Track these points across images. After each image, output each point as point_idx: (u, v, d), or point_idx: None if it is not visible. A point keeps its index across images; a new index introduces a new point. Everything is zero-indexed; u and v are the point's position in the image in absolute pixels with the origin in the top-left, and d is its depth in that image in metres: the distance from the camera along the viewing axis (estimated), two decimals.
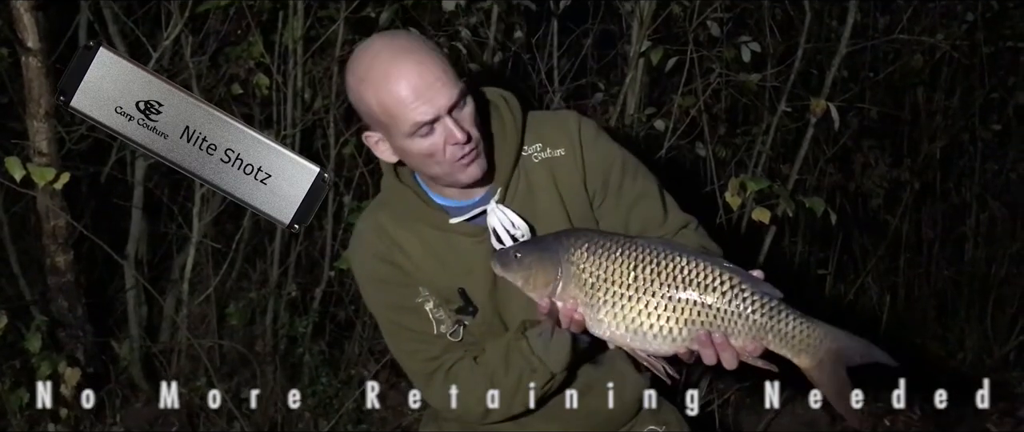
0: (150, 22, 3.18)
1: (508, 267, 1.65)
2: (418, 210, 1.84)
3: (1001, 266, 4.06)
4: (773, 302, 1.58)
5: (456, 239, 1.84)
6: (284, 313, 3.27)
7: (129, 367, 3.28)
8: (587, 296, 1.61)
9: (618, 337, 1.63)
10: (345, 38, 3.03)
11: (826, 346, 1.59)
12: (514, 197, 1.84)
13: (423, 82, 1.65)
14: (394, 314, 1.89)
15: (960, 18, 3.73)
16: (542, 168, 1.85)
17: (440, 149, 1.70)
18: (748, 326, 1.58)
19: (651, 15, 2.99)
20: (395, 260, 1.85)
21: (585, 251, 1.61)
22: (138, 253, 3.36)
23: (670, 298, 1.59)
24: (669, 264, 1.59)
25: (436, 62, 1.68)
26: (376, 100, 1.68)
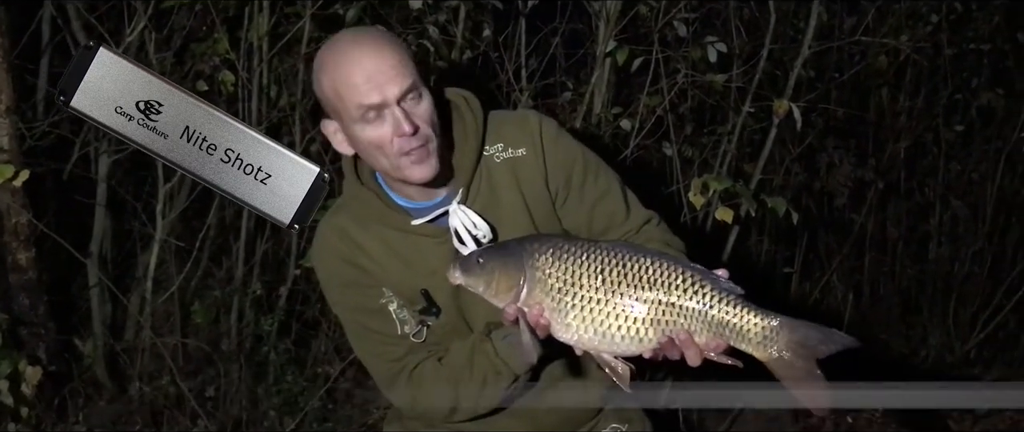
0: (115, 18, 3.15)
1: (470, 273, 1.64)
2: (379, 211, 1.83)
3: (963, 265, 4.11)
4: (734, 298, 1.60)
5: (418, 240, 1.83)
6: (249, 311, 3.25)
7: (93, 365, 3.25)
8: (554, 301, 1.61)
9: (586, 341, 1.63)
10: (311, 35, 3.02)
11: (785, 338, 1.60)
12: (476, 198, 1.83)
13: (375, 68, 1.66)
14: (358, 316, 1.88)
15: (924, 20, 3.78)
16: (504, 168, 1.85)
17: (388, 140, 1.69)
18: (710, 323, 1.60)
19: (617, 15, 3.00)
20: (358, 262, 1.84)
21: (549, 256, 1.61)
22: (102, 251, 3.33)
23: (637, 299, 1.59)
24: (634, 266, 1.60)
25: (393, 53, 1.69)
26: (330, 83, 1.70)
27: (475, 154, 1.83)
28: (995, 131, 4.06)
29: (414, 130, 1.68)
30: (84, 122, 3.11)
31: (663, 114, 3.14)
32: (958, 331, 4.09)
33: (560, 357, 1.94)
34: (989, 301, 4.09)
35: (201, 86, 3.03)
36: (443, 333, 1.88)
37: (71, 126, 3.21)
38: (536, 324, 1.63)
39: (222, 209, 3.26)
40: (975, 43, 3.96)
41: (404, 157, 1.70)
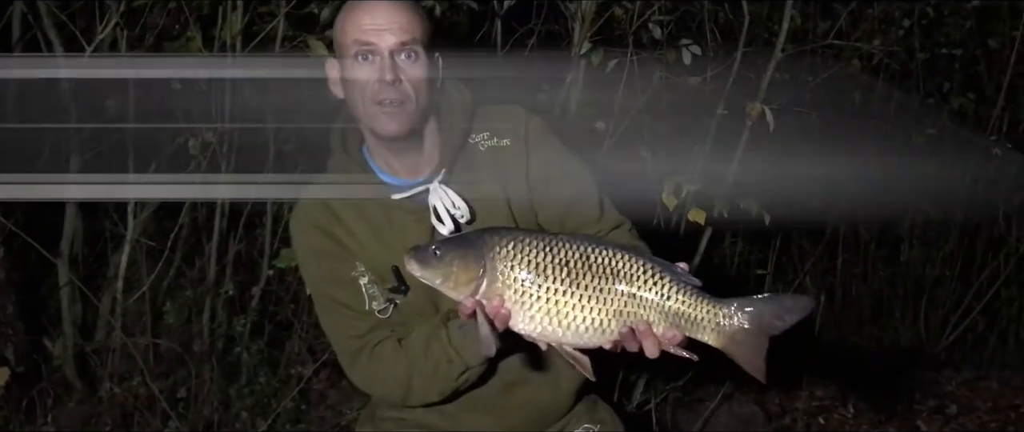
0: (87, 16, 3.12)
1: (427, 264, 1.62)
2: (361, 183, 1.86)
3: (934, 267, 4.16)
4: (692, 290, 1.62)
5: (396, 215, 1.86)
6: (222, 312, 3.23)
7: (62, 366, 3.22)
8: (517, 293, 1.61)
9: (548, 333, 1.63)
10: (285, 34, 3.00)
11: (740, 324, 1.63)
12: (458, 180, 1.87)
13: (383, 16, 1.74)
14: (328, 287, 1.89)
15: (897, 24, 3.82)
16: (487, 156, 1.89)
17: (368, 82, 1.75)
18: (668, 314, 1.62)
19: (592, 17, 3.01)
20: (334, 233, 1.86)
21: (511, 248, 1.61)
22: (73, 251, 3.29)
23: (601, 290, 1.60)
24: (598, 257, 1.62)
25: (406, 12, 1.76)
26: (342, 19, 1.79)
27: (461, 138, 1.88)
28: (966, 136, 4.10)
29: (394, 79, 1.74)
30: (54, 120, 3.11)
31: (638, 115, 3.15)
32: (929, 332, 4.14)
33: (526, 353, 1.95)
34: (959, 303, 4.14)
35: (175, 85, 3.02)
36: (410, 312, 1.89)
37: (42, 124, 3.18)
38: (495, 316, 1.62)
39: (194, 209, 3.24)
40: (947, 48, 4.00)
41: (378, 105, 1.76)
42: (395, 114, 1.76)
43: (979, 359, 4.21)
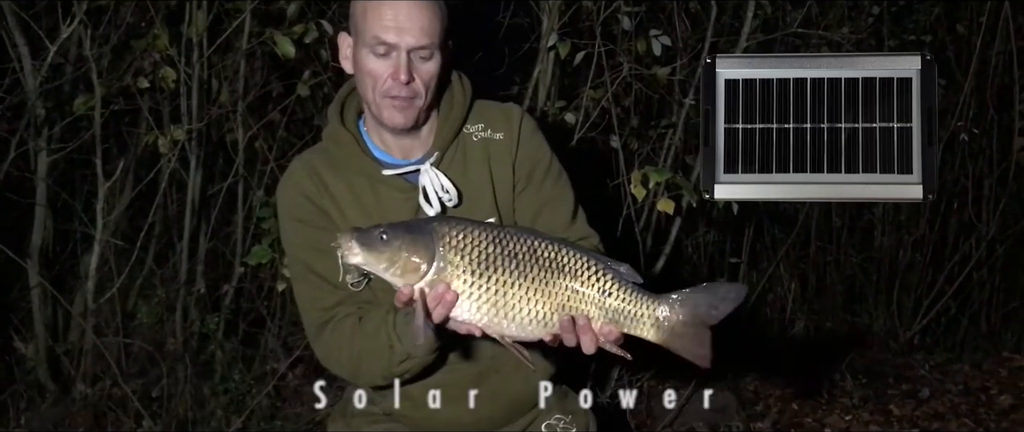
0: (51, 15, 3.10)
1: (372, 247, 1.60)
2: (354, 157, 1.90)
3: (906, 253, 4.19)
4: (631, 287, 1.65)
5: (384, 191, 1.90)
6: (194, 310, 3.22)
7: (35, 368, 3.20)
8: (466, 283, 1.62)
9: (493, 323, 1.65)
10: (252, 30, 2.99)
11: (677, 319, 1.66)
12: (449, 165, 1.92)
13: (406, 15, 1.78)
14: (305, 254, 1.91)
15: (866, 12, 3.84)
16: (479, 146, 1.94)
17: (382, 76, 1.81)
18: (608, 310, 1.64)
19: (560, 8, 3.01)
20: (320, 202, 1.90)
21: (461, 238, 1.62)
22: (43, 251, 3.27)
23: (545, 283, 1.63)
24: (543, 251, 1.64)
25: (428, 12, 1.80)
26: (363, 4, 1.82)
27: (456, 126, 1.93)
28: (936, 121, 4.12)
29: (408, 80, 1.80)
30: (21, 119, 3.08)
31: (607, 107, 3.16)
32: (902, 317, 4.18)
33: None
34: (931, 288, 4.18)
35: (142, 83, 3.00)
36: (382, 290, 1.89)
37: (8, 125, 3.16)
38: (439, 303, 1.63)
39: (165, 207, 3.23)
40: (916, 34, 4.02)
41: (388, 99, 1.82)
42: (403, 108, 1.84)
43: (951, 342, 4.25)
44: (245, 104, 3.07)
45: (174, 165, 3.07)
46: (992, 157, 4.18)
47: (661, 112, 3.58)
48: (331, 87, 3.12)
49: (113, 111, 3.08)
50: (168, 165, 3.07)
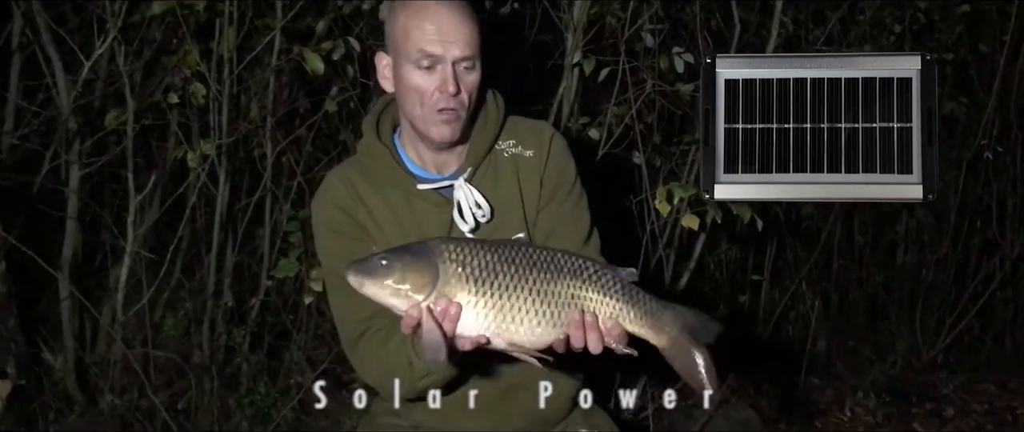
0: (85, 31, 3.16)
1: (374, 274, 1.62)
2: (389, 170, 1.94)
3: (929, 271, 4.18)
4: (632, 287, 1.69)
5: (419, 204, 1.94)
6: (221, 323, 3.25)
7: (63, 379, 3.24)
8: (471, 294, 1.64)
9: (502, 331, 1.66)
10: (281, 47, 3.03)
11: (678, 324, 1.69)
12: (481, 180, 1.95)
13: (450, 26, 1.82)
14: (341, 265, 1.89)
15: (888, 29, 3.84)
16: (510, 162, 1.98)
17: (429, 91, 1.84)
18: (611, 309, 1.67)
19: (585, 26, 3.04)
20: (355, 214, 1.93)
21: (459, 251, 1.65)
22: (74, 263, 3.32)
23: (546, 284, 1.66)
24: (540, 256, 1.68)
25: (469, 23, 1.84)
26: (404, 20, 1.85)
27: (489, 142, 1.97)
28: (958, 140, 4.13)
29: (456, 92, 1.83)
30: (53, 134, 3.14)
31: (631, 123, 3.18)
32: (925, 336, 4.16)
33: None
34: (954, 306, 4.16)
35: (173, 99, 3.05)
36: None
37: (41, 139, 3.21)
38: (446, 318, 1.64)
39: (193, 221, 3.26)
40: (938, 53, 4.02)
41: (437, 113, 1.85)
42: (450, 121, 1.87)
43: (975, 362, 4.22)
44: (274, 120, 3.10)
45: (203, 179, 3.11)
46: (1016, 176, 4.17)
47: (684, 128, 3.60)
48: (358, 103, 3.16)
49: (143, 126, 3.12)
50: (197, 180, 3.11)
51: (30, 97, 3.18)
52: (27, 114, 3.14)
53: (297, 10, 3.00)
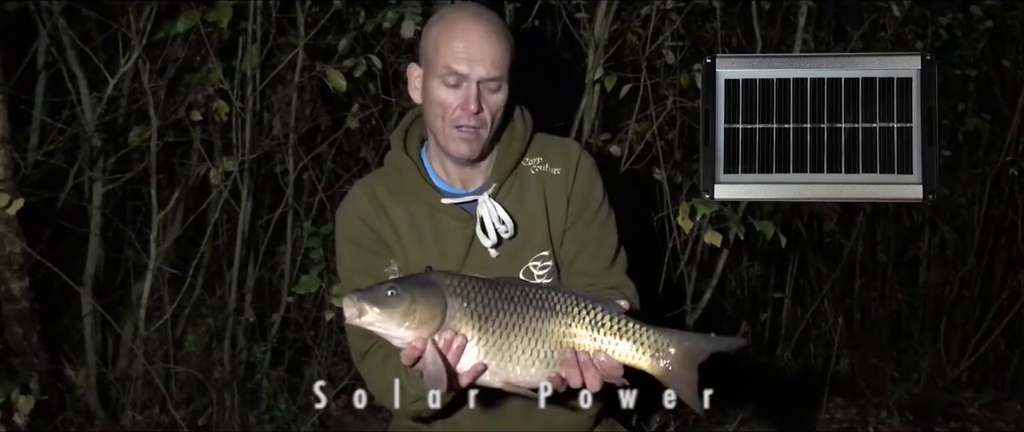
0: (110, 48, 3.19)
1: (384, 303, 1.60)
2: (414, 184, 1.95)
3: (953, 288, 4.13)
4: (626, 319, 1.69)
5: (442, 219, 1.94)
6: (242, 339, 3.26)
7: (85, 395, 3.25)
8: (472, 327, 1.65)
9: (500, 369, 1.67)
10: (304, 65, 3.05)
11: (674, 350, 1.68)
12: (505, 197, 1.96)
13: (478, 46, 1.83)
14: (359, 277, 1.93)
15: (910, 46, 3.82)
16: (536, 180, 1.98)
17: (451, 107, 1.85)
18: (606, 344, 1.67)
19: (606, 43, 3.04)
20: (377, 227, 1.94)
21: (462, 286, 1.66)
22: (96, 279, 3.34)
23: (541, 322, 1.67)
24: (534, 294, 1.68)
25: (498, 44, 1.85)
26: (436, 35, 1.87)
27: (515, 158, 1.97)
28: (982, 156, 4.10)
29: (477, 111, 1.84)
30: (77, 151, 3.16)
31: (652, 140, 3.18)
32: (949, 354, 4.11)
33: None
34: (979, 324, 4.11)
35: (196, 116, 3.07)
36: None
37: (65, 156, 3.24)
38: (449, 349, 1.65)
39: (215, 237, 3.28)
40: (961, 69, 4.00)
41: (456, 129, 1.86)
42: (469, 139, 1.88)
43: (1001, 380, 4.17)
44: (296, 136, 3.12)
45: (225, 196, 3.12)
46: None
47: None
48: (379, 120, 3.17)
49: (165, 143, 3.14)
50: (219, 196, 3.12)
51: (55, 114, 3.20)
52: (52, 131, 3.16)
53: (319, 28, 3.02)
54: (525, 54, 3.19)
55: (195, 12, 2.86)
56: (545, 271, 1.98)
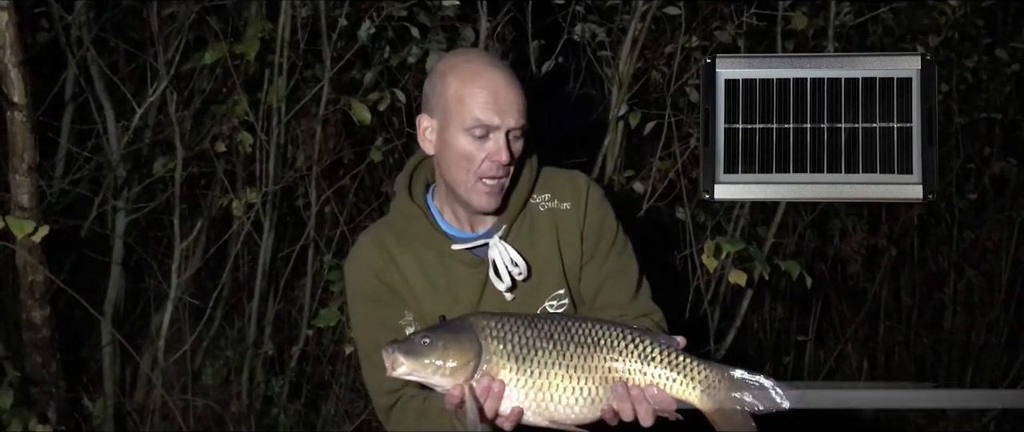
0: (137, 79, 3.22)
1: (418, 354, 1.60)
2: (423, 231, 1.91)
3: (979, 334, 4.07)
4: (676, 352, 1.65)
5: (453, 265, 1.90)
6: (260, 372, 3.24)
7: (102, 425, 3.23)
8: (512, 371, 1.62)
9: (541, 409, 1.64)
10: (329, 98, 3.06)
11: (726, 388, 1.63)
12: (516, 237, 1.92)
13: (505, 96, 1.81)
14: (374, 332, 1.90)
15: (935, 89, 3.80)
16: (547, 217, 1.95)
17: (479, 159, 1.82)
18: (657, 377, 1.64)
19: (630, 80, 3.04)
20: (388, 279, 1.90)
21: (499, 327, 1.63)
22: (116, 309, 3.33)
23: (584, 359, 1.63)
24: (577, 329, 1.65)
25: (521, 94, 1.84)
26: (457, 87, 1.82)
27: (524, 198, 1.94)
28: (1009, 200, 4.06)
29: (508, 162, 1.82)
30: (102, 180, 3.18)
31: (675, 178, 3.16)
32: None
33: None
34: (1007, 371, 4.04)
35: (220, 147, 3.08)
36: None
37: (90, 186, 3.26)
38: (487, 396, 1.62)
39: (236, 269, 3.27)
40: (987, 112, 3.98)
41: (482, 181, 1.84)
42: (495, 191, 1.85)
43: None
44: (320, 169, 3.12)
45: (247, 228, 3.12)
46: None
47: None
48: (402, 153, 3.17)
49: (188, 173, 3.15)
50: (241, 228, 3.12)
51: (81, 143, 3.23)
52: (78, 159, 3.18)
53: (345, 62, 3.03)
54: (548, 91, 3.25)
55: (223, 44, 2.89)
56: (561, 310, 1.96)
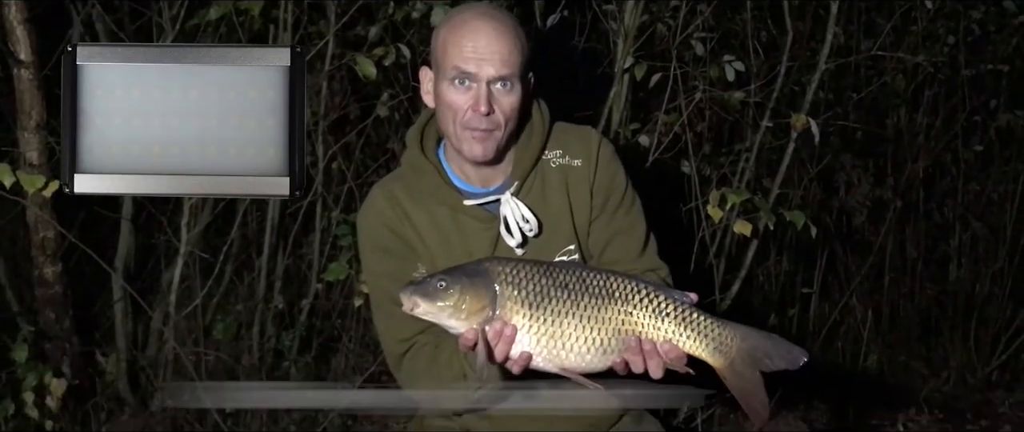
0: (141, 36, 3.22)
1: (434, 296, 1.62)
2: (434, 186, 1.92)
3: (984, 286, 4.09)
4: (689, 307, 1.67)
5: (465, 221, 1.92)
6: (271, 326, 3.28)
7: (115, 380, 3.28)
8: (526, 317, 1.64)
9: (552, 356, 1.67)
10: (334, 53, 3.06)
11: (738, 346, 1.66)
12: (528, 193, 1.93)
13: (486, 45, 1.80)
14: (387, 283, 1.92)
15: (941, 41, 3.80)
16: (558, 173, 1.96)
17: (462, 108, 1.83)
18: (668, 331, 1.66)
19: (635, 32, 3.03)
20: (401, 231, 1.92)
21: (515, 273, 1.65)
22: (127, 265, 3.37)
23: (597, 310, 1.65)
24: (592, 280, 1.67)
25: (508, 42, 1.82)
26: (444, 37, 1.85)
27: (535, 154, 1.94)
28: (1015, 152, 4.06)
29: (488, 112, 1.82)
30: None
31: (681, 131, 3.16)
32: (979, 353, 4.06)
33: None
34: (1010, 322, 4.06)
35: None
36: None
37: None
38: (500, 340, 1.64)
39: (245, 225, 3.30)
40: (993, 64, 3.97)
41: (467, 131, 1.84)
42: (482, 140, 1.85)
43: None
44: (326, 124, 3.13)
45: None
46: None
47: (733, 138, 3.57)
48: (408, 109, 3.18)
49: None
50: None
51: None
52: None
53: (348, 18, 3.03)
54: (554, 45, 3.25)
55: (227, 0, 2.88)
56: None
